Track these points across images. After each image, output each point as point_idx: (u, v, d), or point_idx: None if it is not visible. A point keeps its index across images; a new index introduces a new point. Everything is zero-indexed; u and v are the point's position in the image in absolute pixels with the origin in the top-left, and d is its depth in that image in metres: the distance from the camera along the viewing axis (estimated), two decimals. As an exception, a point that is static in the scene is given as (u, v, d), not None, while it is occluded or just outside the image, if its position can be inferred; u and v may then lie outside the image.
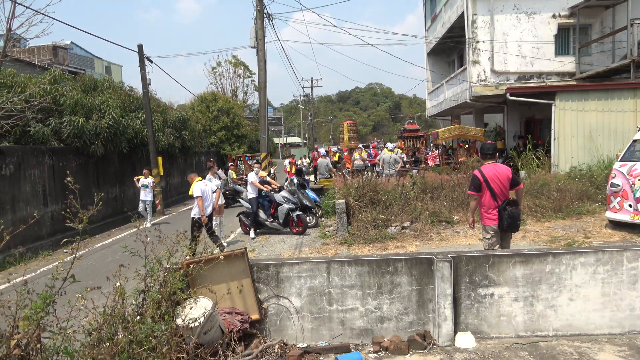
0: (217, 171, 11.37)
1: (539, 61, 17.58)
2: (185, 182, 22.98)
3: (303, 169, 17.00)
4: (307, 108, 59.18)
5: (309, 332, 4.66)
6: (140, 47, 16.58)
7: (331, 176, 16.87)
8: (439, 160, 20.60)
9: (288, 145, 77.97)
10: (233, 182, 17.86)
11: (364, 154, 21.09)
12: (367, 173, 15.06)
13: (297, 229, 10.87)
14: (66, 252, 3.53)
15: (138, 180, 13.94)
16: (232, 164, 20.54)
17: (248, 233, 11.26)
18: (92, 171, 14.33)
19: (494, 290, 4.55)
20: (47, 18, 18.27)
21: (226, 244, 10.19)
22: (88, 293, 3.38)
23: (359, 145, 23.20)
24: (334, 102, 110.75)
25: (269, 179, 12.29)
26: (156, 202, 17.41)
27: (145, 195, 13.71)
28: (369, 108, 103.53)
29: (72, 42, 34.57)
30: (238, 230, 12.08)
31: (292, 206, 10.93)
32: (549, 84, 16.91)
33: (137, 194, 17.79)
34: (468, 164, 13.68)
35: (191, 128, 22.69)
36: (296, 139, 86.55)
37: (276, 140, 72.28)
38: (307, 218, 11.29)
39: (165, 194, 19.29)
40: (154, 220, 15.01)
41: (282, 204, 10.93)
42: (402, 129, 27.68)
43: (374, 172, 17.60)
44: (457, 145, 21.64)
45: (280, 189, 11.55)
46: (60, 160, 12.68)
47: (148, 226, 13.56)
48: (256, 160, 13.09)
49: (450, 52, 24.75)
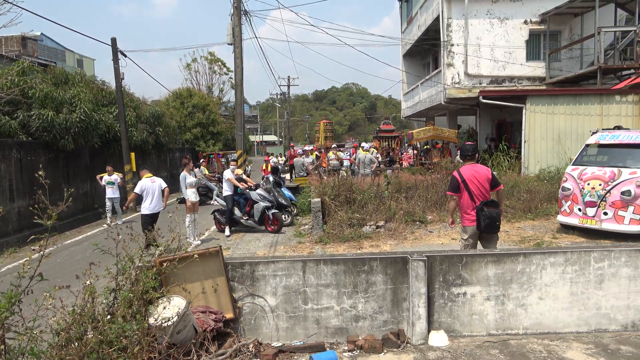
0: (193, 169, 11.19)
1: (511, 65, 17.99)
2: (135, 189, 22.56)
3: (279, 167, 16.92)
4: (284, 106, 59.03)
5: (283, 331, 4.64)
6: (113, 40, 16.21)
7: (307, 175, 16.86)
8: (413, 160, 20.85)
9: (264, 144, 77.61)
10: (205, 179, 17.66)
11: (339, 154, 21.17)
12: (342, 172, 15.12)
13: (272, 227, 10.82)
14: (33, 249, 3.41)
15: (101, 178, 13.42)
16: (204, 161, 20.33)
17: (223, 231, 11.16)
18: (62, 166, 13.92)
19: (466, 289, 4.63)
20: (15, 7, 17.63)
21: (200, 241, 10.07)
22: (56, 292, 3.28)
23: (333, 145, 23.32)
24: (311, 101, 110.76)
25: (244, 176, 12.20)
26: (129, 198, 17.07)
27: (113, 193, 13.23)
28: (345, 108, 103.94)
29: (42, 34, 33.51)
30: (212, 228, 11.95)
31: (268, 204, 10.87)
32: (520, 88, 17.35)
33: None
34: (442, 164, 13.89)
35: (165, 124, 22.31)
36: (272, 137, 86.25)
37: (252, 138, 71.83)
38: (283, 216, 11.26)
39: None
40: (128, 217, 14.72)
41: (258, 202, 10.86)
42: (377, 129, 27.91)
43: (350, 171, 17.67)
44: (431, 146, 21.95)
45: (257, 186, 11.48)
46: (28, 154, 12.27)
47: (119, 223, 13.27)
48: (232, 158, 12.97)
49: (425, 54, 25.08)
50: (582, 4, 16.51)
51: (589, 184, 8.62)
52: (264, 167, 21.43)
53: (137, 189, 9.17)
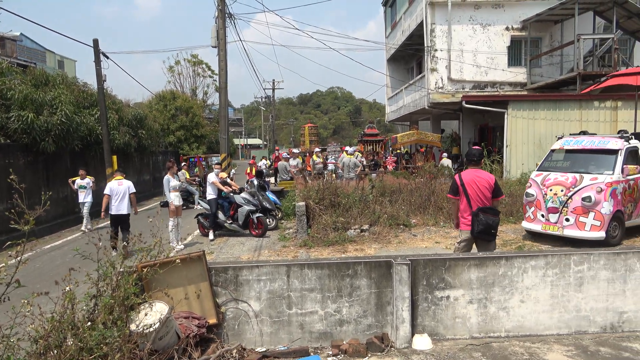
0: (177, 172, 11.08)
1: (493, 71, 18.27)
2: (141, 182, 22.32)
3: (263, 170, 16.87)
4: (268, 110, 58.90)
5: (267, 336, 4.61)
6: (95, 41, 15.99)
7: (292, 178, 16.84)
8: (396, 164, 20.99)
9: (248, 147, 77.30)
10: (186, 183, 17.50)
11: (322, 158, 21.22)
12: (325, 175, 15.15)
13: (256, 231, 10.76)
14: (10, 255, 3.33)
15: (73, 182, 12.95)
16: (185, 164, 20.16)
17: (206, 235, 11.06)
18: (41, 169, 13.66)
19: (450, 292, 4.66)
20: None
21: (183, 246, 9.96)
22: (35, 298, 3.21)
23: (316, 149, 23.35)
24: (295, 104, 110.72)
25: (229, 180, 12.12)
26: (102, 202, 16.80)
27: (84, 197, 12.82)
28: (330, 111, 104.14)
29: (21, 34, 32.89)
30: (196, 232, 11.84)
31: (252, 208, 10.82)
32: (502, 94, 17.61)
33: (94, 192, 17.08)
34: (425, 168, 14.01)
35: (148, 127, 22.08)
36: (257, 141, 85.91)
37: (236, 141, 71.46)
38: (267, 220, 11.21)
39: (120, 194, 18.62)
40: (109, 221, 14.48)
41: (242, 206, 10.80)
42: (362, 133, 28.03)
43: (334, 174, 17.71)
44: (414, 151, 22.14)
45: (241, 190, 11.41)
46: (6, 157, 12.01)
47: (88, 229, 12.81)
48: (216, 162, 12.88)
49: (409, 59, 25.30)
50: (562, 12, 16.86)
51: (551, 189, 8.57)
52: (249, 171, 21.36)
53: (106, 190, 9.49)
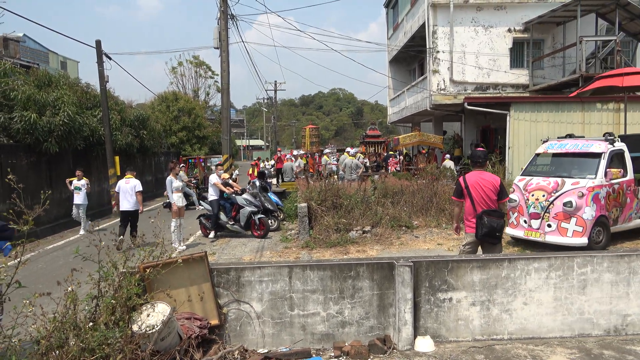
0: (179, 173, 11.07)
1: (495, 73, 18.24)
2: (143, 183, 22.24)
3: (266, 171, 16.88)
4: (270, 111, 58.94)
5: (269, 338, 4.60)
6: (98, 42, 16.03)
7: (296, 179, 16.87)
8: (399, 165, 21.00)
9: (250, 148, 77.37)
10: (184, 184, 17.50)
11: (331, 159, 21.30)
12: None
13: (258, 232, 10.76)
14: (9, 256, 3.33)
15: (71, 183, 12.57)
16: (184, 166, 20.15)
17: (208, 236, 11.06)
18: (44, 169, 13.68)
19: (452, 294, 4.64)
20: (-3, 8, 17.33)
21: (185, 246, 9.96)
22: (37, 299, 3.21)
23: (325, 149, 23.42)
24: (297, 105, 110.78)
25: (230, 181, 12.13)
26: (112, 202, 16.83)
27: (79, 199, 12.40)
28: (332, 113, 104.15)
29: (24, 35, 33.02)
30: (198, 233, 11.84)
31: (254, 209, 10.81)
32: (504, 95, 17.59)
33: (98, 193, 17.10)
34: (427, 170, 13.99)
35: (150, 128, 22.11)
36: (259, 142, 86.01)
37: (238, 142, 71.57)
38: (269, 221, 11.20)
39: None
40: (112, 221, 14.50)
41: (244, 207, 10.80)
42: (364, 134, 28.05)
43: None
44: (417, 152, 22.14)
45: (243, 191, 11.41)
46: (9, 157, 12.03)
47: (82, 233, 12.54)
48: (216, 163, 12.89)
49: (411, 60, 25.30)
50: (564, 14, 16.84)
51: (533, 194, 8.34)
52: (251, 172, 21.40)
53: (116, 188, 10.40)
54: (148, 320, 3.74)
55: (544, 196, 8.19)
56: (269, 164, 27.38)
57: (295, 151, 28.81)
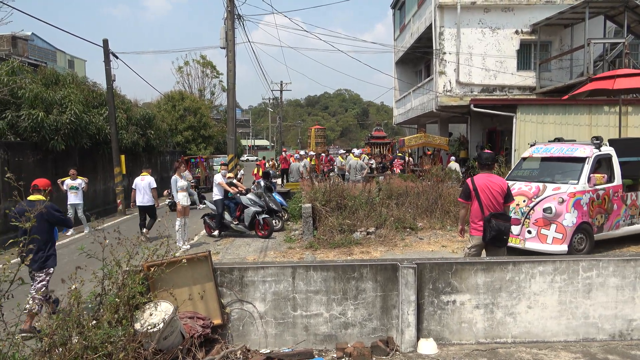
0: (184, 172, 11.10)
1: (502, 75, 18.15)
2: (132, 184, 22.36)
3: (271, 171, 16.89)
4: (276, 111, 58.99)
5: (272, 338, 4.60)
6: (105, 41, 16.10)
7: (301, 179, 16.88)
8: (403, 167, 20.96)
9: (256, 148, 77.51)
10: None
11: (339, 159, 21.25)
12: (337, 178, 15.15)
13: (262, 232, 10.76)
14: (12, 254, 3.35)
15: (62, 183, 12.14)
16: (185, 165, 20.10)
17: (212, 235, 11.08)
18: (50, 167, 13.75)
19: (456, 297, 4.62)
20: (5, 6, 17.49)
21: (189, 245, 9.98)
22: (40, 296, 3.22)
23: (340, 150, 23.42)
24: (303, 106, 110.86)
25: (235, 181, 12.14)
26: (117, 201, 16.90)
27: (75, 199, 12.11)
28: (338, 114, 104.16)
29: (33, 34, 33.25)
30: (202, 232, 11.86)
31: (258, 209, 10.82)
32: (511, 97, 17.49)
33: (104, 191, 17.13)
34: (432, 172, 13.94)
35: (156, 127, 22.19)
36: (264, 142, 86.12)
37: (244, 142, 71.72)
38: (273, 221, 11.21)
39: (128, 193, 18.71)
40: (117, 220, 14.55)
41: (248, 207, 10.81)
42: (369, 135, 28.03)
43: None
44: (422, 154, 22.09)
45: (247, 191, 11.42)
46: (16, 155, 12.11)
47: (86, 231, 12.36)
48: (222, 162, 12.90)
49: (417, 61, 25.23)
50: (572, 16, 16.73)
51: (514, 200, 8.31)
52: (256, 172, 21.42)
53: (133, 185, 10.90)
54: (151, 319, 3.75)
55: (524, 202, 7.96)
56: (273, 164, 27.38)
57: (302, 151, 28.82)
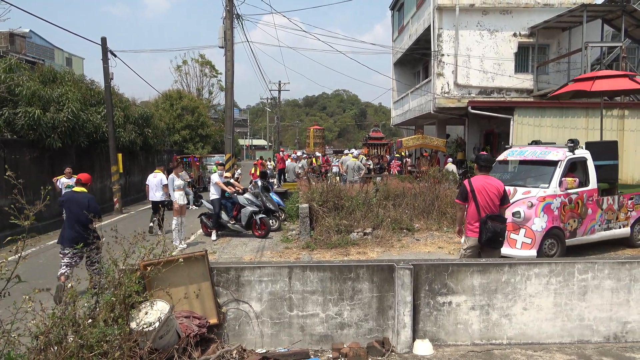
0: (181, 172, 11.09)
1: (500, 77, 18.20)
2: (146, 181, 22.32)
3: (268, 171, 16.89)
4: (274, 111, 58.97)
5: (268, 338, 4.60)
6: (103, 40, 16.08)
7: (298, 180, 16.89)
8: (400, 168, 20.99)
9: (253, 147, 77.41)
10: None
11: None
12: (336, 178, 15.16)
13: (259, 232, 10.76)
14: (10, 251, 3.33)
15: (57, 181, 11.85)
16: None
17: (209, 235, 11.07)
18: (47, 165, 13.71)
19: (452, 298, 4.64)
20: (3, 3, 17.42)
21: (186, 245, 9.97)
22: (36, 294, 3.21)
23: (347, 150, 23.43)
24: (301, 106, 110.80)
25: (232, 181, 12.13)
26: (114, 200, 16.86)
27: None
28: (335, 114, 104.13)
29: (31, 31, 33.12)
30: (199, 231, 11.85)
31: (255, 209, 10.82)
32: (509, 100, 17.53)
33: (101, 190, 17.04)
34: (430, 173, 13.97)
35: (154, 125, 22.14)
36: (262, 142, 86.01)
37: (241, 142, 71.60)
38: (270, 221, 11.21)
39: (125, 192, 18.69)
40: (114, 218, 14.50)
41: (245, 206, 10.80)
42: (367, 136, 28.04)
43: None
44: (419, 155, 22.13)
45: (244, 191, 11.42)
46: (12, 152, 12.06)
47: None
48: (220, 162, 12.90)
49: (416, 63, 25.27)
50: (570, 19, 16.79)
51: None
52: (253, 172, 21.41)
53: (146, 182, 11.47)
54: (147, 318, 3.74)
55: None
56: (270, 164, 27.35)
57: (299, 151, 28.82)
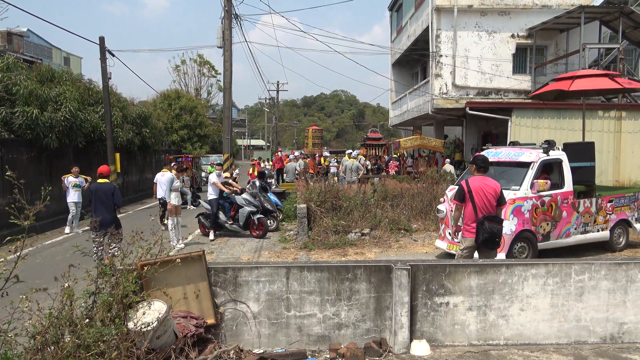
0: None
1: (498, 78, 18.23)
2: (143, 180, 22.34)
3: (266, 172, 16.89)
4: (272, 111, 58.98)
5: (265, 338, 4.60)
6: (101, 39, 16.05)
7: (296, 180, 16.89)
8: (398, 168, 21.01)
9: (251, 148, 77.39)
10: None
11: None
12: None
13: (257, 232, 10.76)
14: (9, 250, 3.33)
15: (65, 179, 11.94)
16: (174, 164, 20.00)
17: (207, 235, 11.06)
18: (44, 165, 13.68)
19: (449, 299, 4.64)
20: (1, 2, 17.38)
21: (184, 245, 9.97)
22: (33, 294, 3.21)
23: (348, 151, 23.38)
24: (299, 106, 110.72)
25: (230, 181, 12.13)
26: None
27: (79, 197, 11.93)
28: (334, 114, 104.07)
29: (28, 30, 33.04)
30: (197, 231, 11.84)
31: (253, 209, 10.82)
32: (506, 101, 17.57)
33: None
34: (428, 174, 13.98)
35: (152, 125, 22.12)
36: (260, 142, 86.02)
37: (240, 142, 71.57)
38: (268, 221, 11.20)
39: (122, 191, 18.60)
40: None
41: (243, 207, 10.80)
42: (365, 137, 28.03)
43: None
44: (417, 155, 22.15)
45: (242, 191, 11.42)
46: (10, 152, 12.04)
47: (76, 231, 12.22)
48: (217, 163, 12.91)
49: (414, 64, 25.30)
50: (568, 21, 16.84)
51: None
52: (251, 172, 21.40)
53: (155, 180, 11.40)
54: (144, 318, 3.74)
55: None
56: (269, 164, 27.40)
57: (297, 152, 28.82)
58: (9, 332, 3.02)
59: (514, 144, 9.13)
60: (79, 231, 12.28)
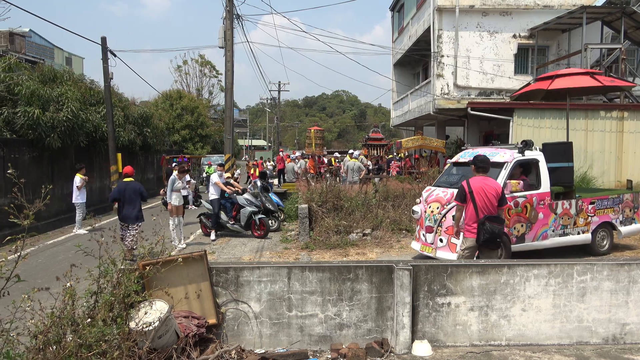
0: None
1: (499, 78, 18.21)
2: (145, 181, 22.34)
3: (267, 172, 16.89)
4: (274, 111, 58.99)
5: (267, 338, 4.60)
6: (103, 39, 16.07)
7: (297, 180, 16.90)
8: (400, 169, 21.00)
9: (253, 148, 77.43)
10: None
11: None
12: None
13: (258, 232, 10.76)
14: (10, 250, 3.33)
15: (80, 180, 12.13)
16: (175, 165, 19.98)
17: (208, 235, 11.07)
18: (46, 165, 13.70)
19: (451, 299, 4.64)
20: (3, 2, 17.43)
21: (185, 245, 9.97)
22: (35, 293, 3.21)
23: (350, 151, 23.41)
24: (301, 106, 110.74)
25: (232, 181, 12.14)
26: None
27: (84, 197, 12.19)
28: (335, 115, 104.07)
29: (31, 30, 33.14)
30: (198, 231, 11.85)
31: (254, 209, 10.82)
32: (508, 101, 17.54)
33: (100, 189, 17.04)
34: (429, 174, 13.97)
35: (154, 125, 22.14)
36: (261, 142, 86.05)
37: (241, 142, 71.64)
38: (270, 222, 11.21)
39: (123, 192, 18.67)
40: (113, 218, 14.48)
41: (244, 207, 10.80)
42: (366, 137, 28.05)
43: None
44: (415, 156, 22.16)
45: (244, 191, 11.42)
46: (11, 151, 12.06)
47: (85, 233, 12.03)
48: (219, 163, 12.92)
49: (415, 64, 25.29)
50: (569, 21, 16.81)
51: (430, 207, 7.68)
52: (252, 172, 21.42)
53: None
54: (146, 318, 3.74)
55: (437, 208, 7.56)
56: (270, 164, 27.45)
57: (298, 152, 28.84)
58: (11, 331, 3.02)
59: (493, 143, 8.96)
60: (84, 231, 12.29)
